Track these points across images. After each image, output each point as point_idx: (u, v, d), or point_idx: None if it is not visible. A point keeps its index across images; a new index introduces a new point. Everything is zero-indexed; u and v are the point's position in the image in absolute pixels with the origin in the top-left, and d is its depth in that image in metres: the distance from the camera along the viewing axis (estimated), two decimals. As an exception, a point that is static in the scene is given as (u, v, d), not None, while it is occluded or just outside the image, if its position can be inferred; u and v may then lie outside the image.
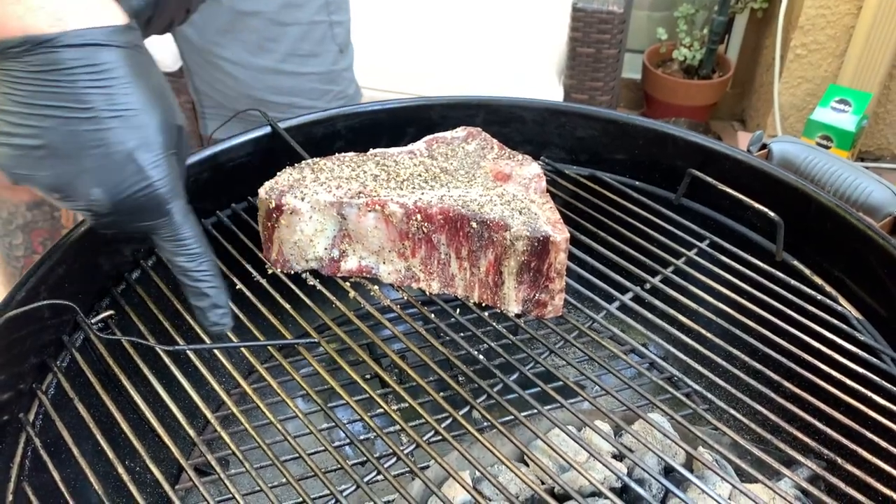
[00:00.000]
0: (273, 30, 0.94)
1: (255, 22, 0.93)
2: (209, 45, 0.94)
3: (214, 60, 0.96)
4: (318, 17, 0.96)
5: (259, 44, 0.94)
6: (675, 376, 0.58)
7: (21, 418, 0.54)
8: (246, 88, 0.97)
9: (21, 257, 1.04)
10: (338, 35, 0.99)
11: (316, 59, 0.98)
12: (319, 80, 0.99)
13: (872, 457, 0.50)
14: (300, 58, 0.97)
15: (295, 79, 0.97)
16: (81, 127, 0.45)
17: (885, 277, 0.61)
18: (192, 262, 0.52)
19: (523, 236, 0.56)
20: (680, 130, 0.74)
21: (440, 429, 0.53)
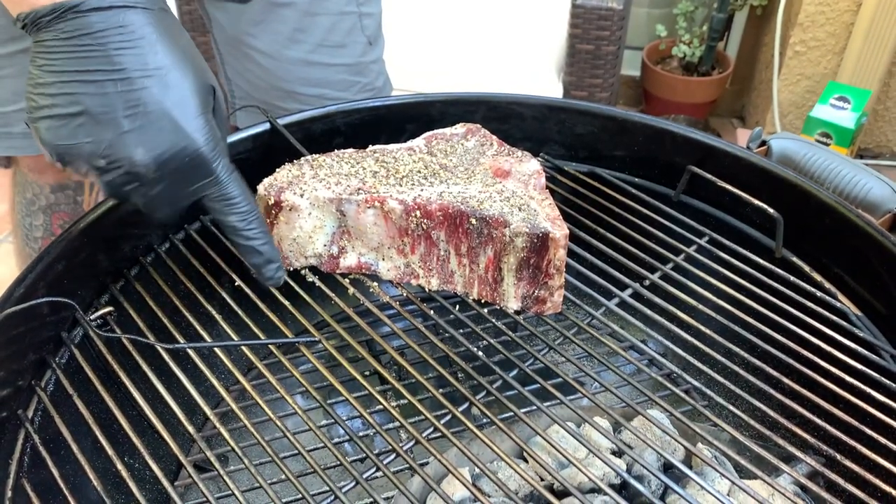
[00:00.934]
0: (304, 20, 0.93)
1: (288, 12, 0.93)
2: (242, 36, 0.94)
3: (246, 51, 0.95)
4: (347, 8, 0.96)
5: (290, 35, 0.94)
6: (674, 373, 0.58)
7: (20, 415, 0.54)
8: (276, 80, 0.96)
9: (39, 238, 1.05)
10: (367, 26, 0.99)
11: (344, 49, 0.97)
12: (348, 71, 0.99)
13: (871, 453, 0.50)
14: (329, 49, 0.96)
15: (324, 70, 0.97)
16: (116, 89, 0.46)
17: (884, 274, 0.61)
18: (243, 221, 0.53)
19: (522, 233, 0.56)
20: (679, 127, 0.73)
21: (439, 425, 0.53)
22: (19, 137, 0.88)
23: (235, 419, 0.54)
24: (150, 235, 0.67)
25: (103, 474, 0.50)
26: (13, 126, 0.88)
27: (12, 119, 0.87)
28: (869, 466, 0.49)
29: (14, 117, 0.87)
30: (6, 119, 0.87)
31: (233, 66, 0.98)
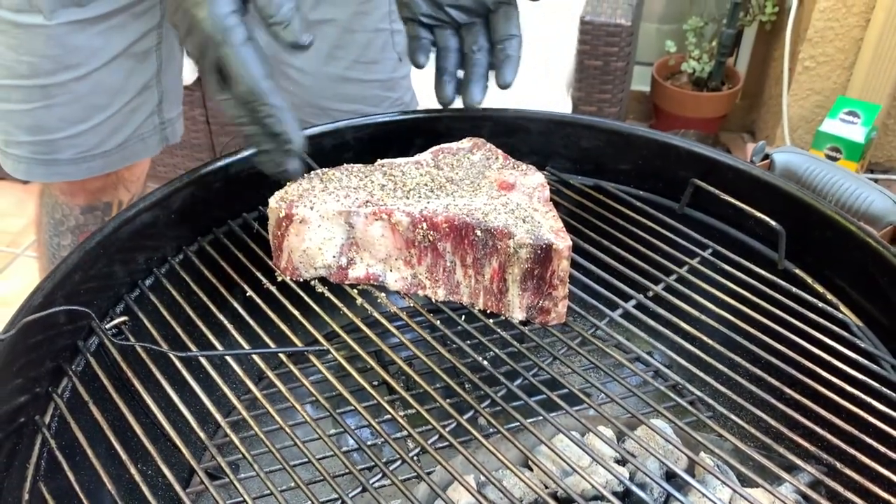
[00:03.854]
0: (343, 37, 0.95)
1: (329, 30, 0.94)
2: (279, 54, 0.93)
3: (284, 69, 0.97)
4: (381, 25, 0.98)
5: (329, 52, 0.96)
6: (679, 384, 0.59)
7: (37, 420, 0.56)
8: (312, 97, 0.98)
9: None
10: (398, 43, 1.01)
11: (378, 66, 0.99)
12: (381, 87, 1.01)
13: (872, 462, 0.50)
14: (364, 65, 0.98)
15: (360, 86, 0.99)
16: None
17: (886, 286, 0.62)
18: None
19: (526, 244, 0.57)
20: (683, 141, 0.75)
21: (446, 434, 0.54)
22: (66, 164, 0.90)
23: (247, 427, 0.55)
24: (164, 247, 0.69)
25: (117, 480, 0.52)
26: (60, 153, 0.89)
27: (60, 146, 0.89)
28: (870, 476, 0.50)
29: (62, 144, 0.89)
30: (53, 146, 0.89)
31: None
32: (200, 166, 0.71)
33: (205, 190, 0.71)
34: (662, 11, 2.28)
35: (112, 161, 0.93)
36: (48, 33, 0.81)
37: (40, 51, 0.83)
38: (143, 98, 0.92)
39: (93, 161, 0.91)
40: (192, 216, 0.70)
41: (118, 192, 1.01)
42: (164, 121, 0.96)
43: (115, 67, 0.87)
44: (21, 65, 0.83)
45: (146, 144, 0.96)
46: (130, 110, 0.91)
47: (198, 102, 1.93)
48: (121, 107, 0.89)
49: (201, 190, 0.70)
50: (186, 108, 1.94)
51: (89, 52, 0.85)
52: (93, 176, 0.93)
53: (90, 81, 0.86)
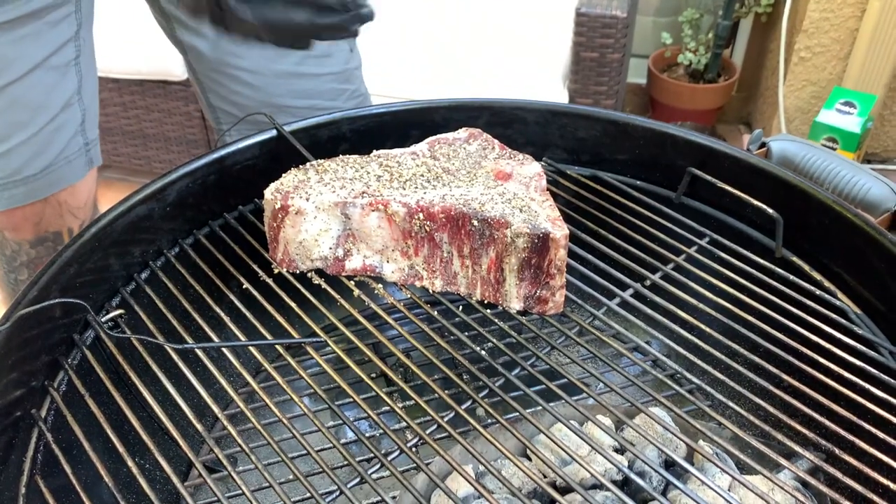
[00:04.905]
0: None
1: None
2: (226, 58, 0.93)
3: (231, 72, 0.95)
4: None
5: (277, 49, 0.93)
6: (678, 373, 0.58)
7: (33, 414, 0.55)
8: (266, 96, 0.96)
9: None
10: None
11: (331, 58, 0.97)
12: (336, 79, 0.99)
13: (871, 448, 0.50)
14: (316, 59, 0.96)
15: (313, 81, 0.97)
16: None
17: (883, 272, 0.62)
18: None
19: (523, 233, 0.57)
20: (679, 130, 0.74)
21: (444, 424, 0.54)
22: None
23: (245, 420, 0.55)
24: (159, 240, 0.69)
25: (115, 473, 0.51)
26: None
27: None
28: (869, 462, 0.50)
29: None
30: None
31: (217, 92, 0.98)
32: (195, 158, 0.70)
33: (200, 182, 0.70)
34: (658, 3, 2.28)
35: (37, 188, 0.89)
36: None
37: None
38: (66, 115, 0.88)
39: (15, 188, 0.87)
40: (188, 209, 0.70)
41: (65, 220, 0.96)
42: (87, 141, 0.93)
43: (35, 81, 0.83)
44: None
45: (72, 167, 0.91)
46: (54, 129, 0.87)
47: (192, 99, 1.93)
48: (44, 125, 0.85)
49: (196, 182, 0.70)
50: (181, 104, 1.95)
51: (3, 63, 0.81)
52: (15, 206, 0.89)
53: (7, 96, 0.82)
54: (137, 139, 2.05)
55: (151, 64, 1.87)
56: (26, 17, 0.80)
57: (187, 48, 0.94)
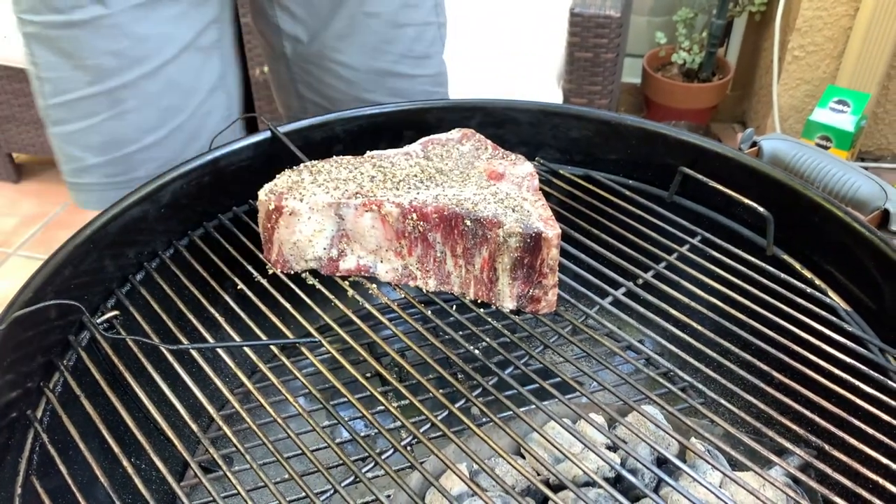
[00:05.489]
0: (390, 32, 0.92)
1: (375, 24, 0.91)
2: (325, 50, 0.92)
3: (328, 65, 0.93)
4: (430, 18, 0.94)
5: (376, 45, 0.92)
6: (670, 371, 0.59)
7: (29, 415, 0.56)
8: (359, 92, 0.95)
9: None
10: (444, 36, 0.98)
11: (428, 60, 0.96)
12: (430, 82, 0.98)
13: (861, 444, 0.51)
14: (413, 59, 0.95)
15: (409, 81, 0.96)
16: None
17: (872, 269, 0.62)
18: None
19: (516, 233, 0.57)
20: (671, 129, 0.75)
21: (439, 423, 0.54)
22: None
23: (240, 420, 0.55)
24: (154, 242, 0.69)
25: (111, 474, 0.52)
26: (137, 170, 0.83)
27: (136, 162, 0.82)
28: (859, 458, 0.50)
29: (138, 160, 0.82)
30: (129, 164, 0.82)
31: (308, 83, 0.97)
32: (189, 160, 0.71)
33: (194, 183, 0.71)
34: (652, 3, 2.28)
35: None
36: (111, 23, 0.76)
37: (103, 47, 0.77)
38: (214, 100, 0.88)
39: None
40: (182, 210, 0.70)
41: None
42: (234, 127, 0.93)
43: (186, 62, 0.83)
44: (81, 72, 0.77)
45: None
46: (205, 113, 0.87)
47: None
48: (195, 108, 0.85)
49: (191, 183, 0.70)
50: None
51: (157, 43, 0.79)
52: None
53: (161, 79, 0.81)
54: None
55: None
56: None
57: (286, 36, 0.93)
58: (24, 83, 2.00)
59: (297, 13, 0.91)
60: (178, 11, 0.81)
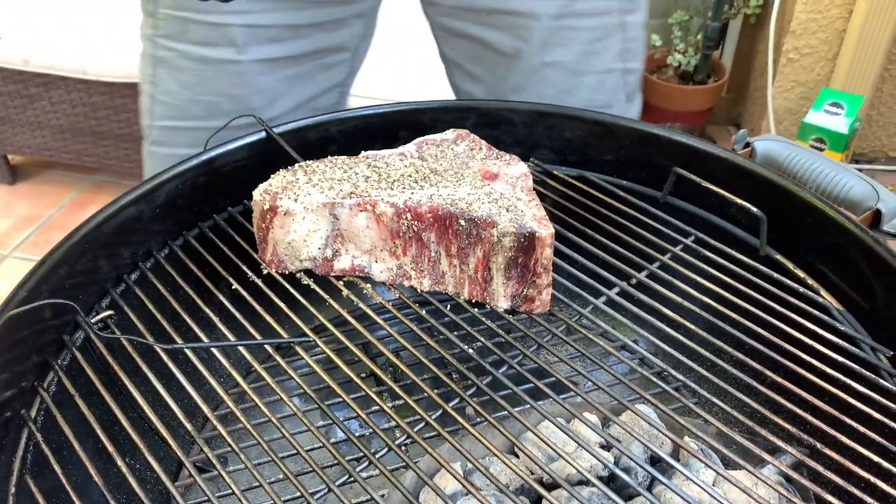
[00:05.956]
0: (571, 81, 0.88)
1: (554, 74, 0.87)
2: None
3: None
4: (613, 65, 0.90)
5: (555, 97, 0.87)
6: (664, 371, 0.59)
7: (23, 415, 0.56)
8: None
9: None
10: (629, 83, 0.93)
11: (609, 110, 0.88)
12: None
13: (853, 443, 0.51)
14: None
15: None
16: None
17: (864, 269, 0.62)
18: None
19: (510, 233, 0.57)
20: (665, 130, 0.75)
21: (433, 422, 0.54)
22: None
23: (235, 420, 0.56)
24: (149, 242, 0.69)
25: (105, 474, 0.52)
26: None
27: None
28: (851, 456, 0.50)
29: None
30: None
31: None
32: (184, 160, 0.71)
33: (189, 184, 0.71)
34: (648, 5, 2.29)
35: None
36: (237, 70, 0.78)
37: (223, 89, 0.79)
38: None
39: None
40: (177, 210, 0.71)
41: None
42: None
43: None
44: (196, 105, 0.79)
45: None
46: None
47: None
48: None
49: (185, 184, 0.70)
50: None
51: (272, 97, 0.81)
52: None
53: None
54: (129, 142, 2.05)
55: (142, 67, 1.86)
56: (303, 56, 0.81)
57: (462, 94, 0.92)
58: (20, 85, 2.00)
59: (472, 72, 0.89)
60: (303, 71, 0.81)
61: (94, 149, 2.08)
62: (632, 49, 0.90)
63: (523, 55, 0.85)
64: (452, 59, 0.90)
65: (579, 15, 0.84)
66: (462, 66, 0.89)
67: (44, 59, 1.92)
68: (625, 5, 0.86)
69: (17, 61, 1.94)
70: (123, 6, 1.98)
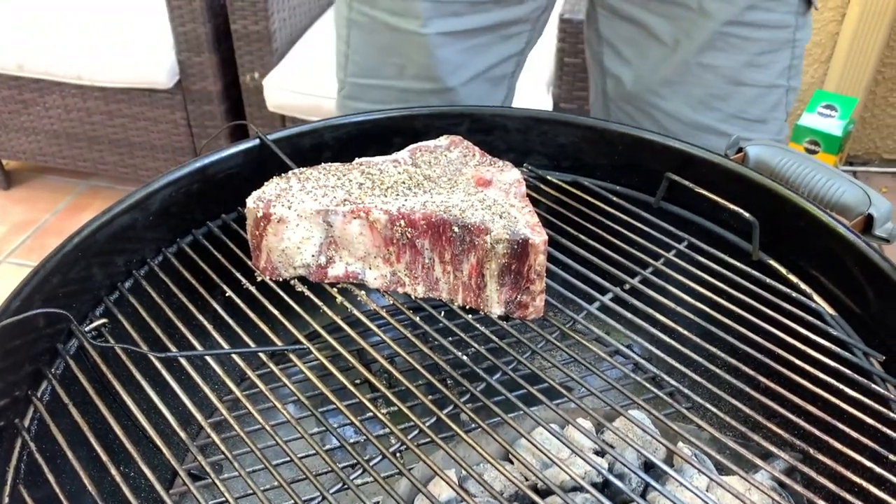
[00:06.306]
0: (725, 88, 0.85)
1: (709, 76, 0.85)
2: (646, 94, 0.88)
3: (648, 109, 0.89)
4: (778, 81, 0.86)
5: (704, 99, 0.86)
6: (658, 376, 0.59)
7: (17, 424, 0.56)
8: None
9: None
10: (790, 102, 0.89)
11: (762, 126, 0.88)
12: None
13: (846, 448, 0.51)
14: (745, 122, 0.87)
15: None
16: None
17: (857, 274, 0.63)
18: None
19: (503, 239, 0.58)
20: (657, 135, 0.75)
21: (427, 429, 0.54)
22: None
23: (229, 428, 0.56)
24: (143, 249, 0.69)
25: (99, 482, 0.52)
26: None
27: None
28: (844, 462, 0.50)
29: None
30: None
31: (623, 121, 0.93)
32: (178, 168, 0.71)
33: (183, 191, 0.71)
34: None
35: None
36: (420, 41, 0.82)
37: (409, 55, 0.83)
38: None
39: None
40: (171, 218, 0.70)
41: None
42: None
43: (472, 89, 0.86)
44: (385, 66, 0.84)
45: None
46: None
47: (179, 106, 1.93)
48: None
49: (179, 191, 0.70)
50: (167, 112, 1.95)
51: (451, 68, 0.84)
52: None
53: (446, 98, 0.86)
54: (124, 147, 2.05)
55: (138, 72, 1.87)
56: (482, 29, 0.83)
57: (608, 74, 0.91)
58: (14, 90, 2.00)
59: (624, 53, 0.89)
60: (483, 42, 0.84)
61: (89, 154, 2.07)
62: (797, 66, 0.87)
63: (680, 48, 0.85)
64: (608, 38, 0.90)
65: (752, 25, 0.82)
66: (616, 46, 0.89)
67: (38, 64, 1.92)
68: (799, 21, 0.84)
69: (11, 66, 1.94)
70: (119, 11, 1.98)
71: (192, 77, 1.88)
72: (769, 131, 0.89)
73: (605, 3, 0.89)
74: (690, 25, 0.83)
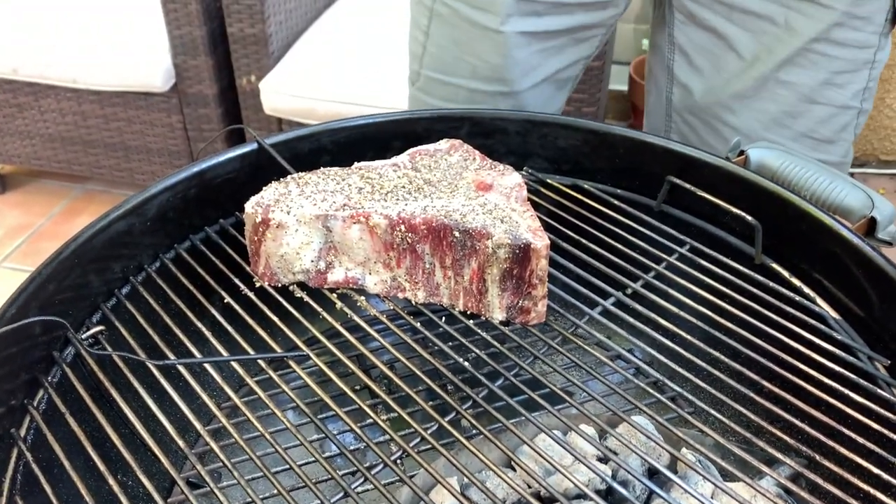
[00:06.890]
0: (799, 106, 0.83)
1: (784, 93, 0.83)
2: (715, 108, 0.86)
3: (714, 124, 0.87)
4: (851, 102, 0.84)
5: (776, 117, 0.84)
6: (660, 381, 0.59)
7: (13, 433, 0.55)
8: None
9: None
10: (860, 125, 0.88)
11: (830, 146, 0.86)
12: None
13: (851, 453, 0.51)
14: (813, 141, 0.85)
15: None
16: None
17: (860, 277, 0.62)
18: None
19: (505, 244, 0.57)
20: (658, 138, 0.75)
21: (428, 436, 0.54)
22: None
23: (227, 436, 0.55)
24: (140, 255, 0.69)
25: (96, 492, 0.51)
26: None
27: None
28: (850, 467, 0.50)
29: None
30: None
31: (684, 134, 0.92)
32: (175, 173, 0.70)
33: (180, 196, 0.70)
34: (639, 10, 2.30)
35: None
36: (497, 40, 0.82)
37: (483, 55, 0.83)
38: None
39: None
40: (168, 223, 0.70)
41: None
42: None
43: (538, 92, 0.86)
44: (461, 64, 0.84)
45: None
46: None
47: (175, 109, 1.92)
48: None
49: (177, 196, 0.70)
50: (163, 116, 1.94)
51: (525, 69, 0.84)
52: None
53: (514, 100, 0.86)
54: (119, 151, 2.04)
55: (134, 75, 1.86)
56: (560, 31, 0.83)
57: (676, 82, 0.90)
58: (9, 93, 1.99)
59: (696, 62, 0.86)
60: (556, 44, 0.84)
61: (85, 158, 2.07)
62: (871, 89, 0.85)
63: (758, 64, 0.83)
64: (682, 45, 0.88)
65: (836, 43, 0.80)
66: (689, 54, 0.87)
67: (33, 68, 1.91)
68: (881, 42, 0.82)
69: (6, 70, 1.93)
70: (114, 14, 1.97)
71: (189, 80, 1.87)
72: (836, 153, 0.87)
73: (684, 9, 0.86)
74: (773, 41, 0.81)
